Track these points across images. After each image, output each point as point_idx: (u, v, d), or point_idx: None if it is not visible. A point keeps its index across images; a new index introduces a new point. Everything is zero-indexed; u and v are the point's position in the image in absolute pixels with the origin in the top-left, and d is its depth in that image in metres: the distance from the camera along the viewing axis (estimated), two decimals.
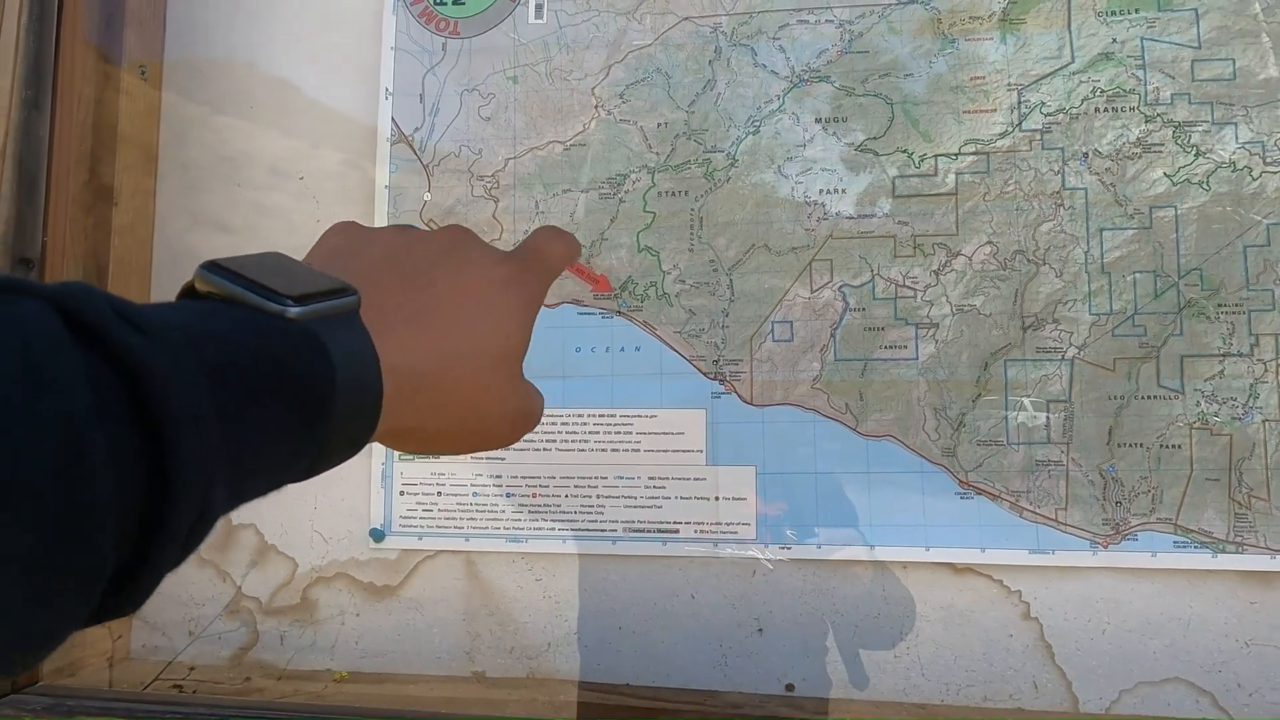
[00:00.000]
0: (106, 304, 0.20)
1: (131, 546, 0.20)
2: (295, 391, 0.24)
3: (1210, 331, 0.57)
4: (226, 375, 0.22)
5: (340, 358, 0.25)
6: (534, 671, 0.61)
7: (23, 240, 0.55)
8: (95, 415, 0.18)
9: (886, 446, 0.60)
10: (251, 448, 0.22)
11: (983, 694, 0.57)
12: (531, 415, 0.34)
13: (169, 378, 0.20)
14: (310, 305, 0.25)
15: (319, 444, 0.25)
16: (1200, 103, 0.59)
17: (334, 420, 0.25)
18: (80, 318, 0.19)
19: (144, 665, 0.65)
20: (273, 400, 0.23)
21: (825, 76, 0.62)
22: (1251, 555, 0.55)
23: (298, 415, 0.24)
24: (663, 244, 0.63)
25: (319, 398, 0.24)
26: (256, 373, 0.23)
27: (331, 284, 0.26)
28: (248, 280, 0.25)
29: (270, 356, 0.23)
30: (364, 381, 0.26)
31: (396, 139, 0.66)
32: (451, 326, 0.30)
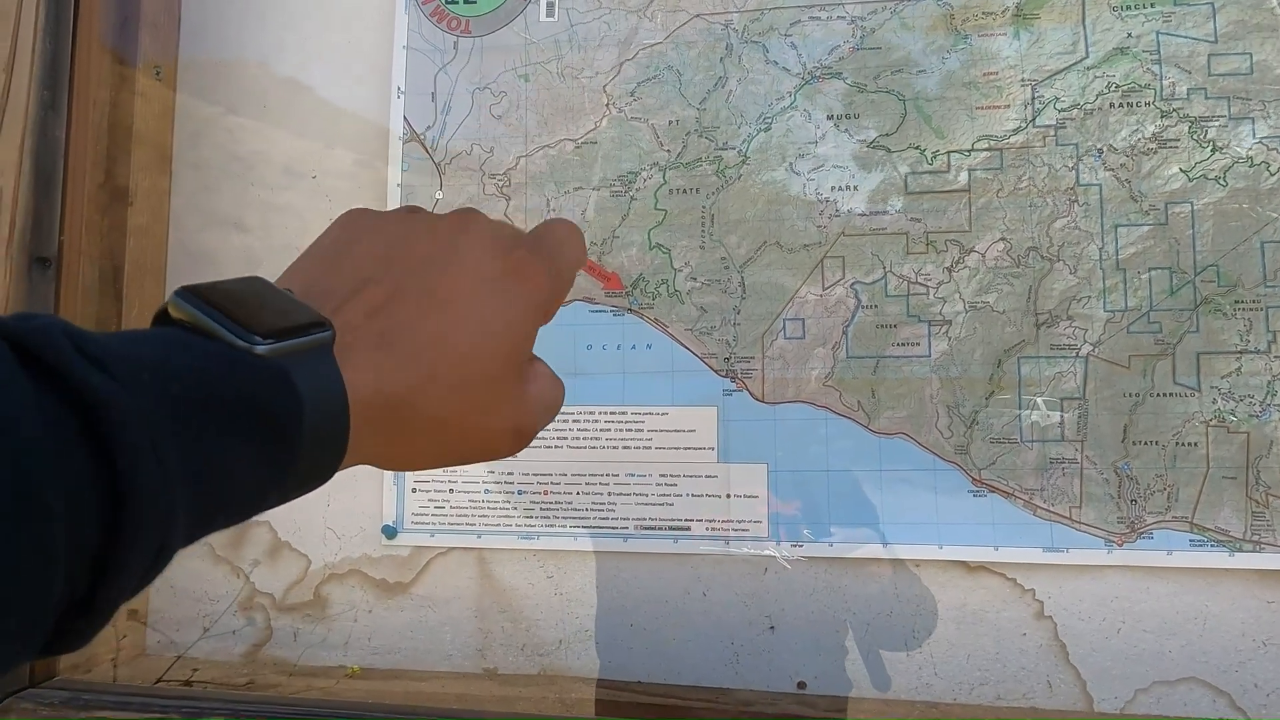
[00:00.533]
0: (65, 338, 0.20)
1: (86, 581, 0.20)
2: (260, 427, 0.23)
3: (1227, 328, 0.57)
4: (190, 411, 0.22)
5: (308, 393, 0.24)
6: (546, 669, 0.62)
7: (39, 240, 0.55)
8: (49, 453, 0.18)
9: (899, 444, 0.60)
10: (214, 483, 0.22)
11: (996, 693, 0.57)
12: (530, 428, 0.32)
13: (125, 412, 0.20)
14: (279, 343, 0.24)
15: (283, 478, 0.24)
16: (1217, 98, 0.58)
17: (299, 455, 0.24)
18: (36, 353, 0.19)
19: (157, 661, 0.65)
20: (237, 436, 0.23)
21: (837, 73, 0.62)
22: (1269, 554, 0.55)
23: (262, 450, 0.23)
24: (674, 241, 0.63)
25: (285, 433, 0.24)
26: (223, 404, 0.23)
27: (306, 318, 0.26)
28: (219, 312, 0.25)
29: (235, 392, 0.23)
30: (331, 416, 0.25)
31: (408, 137, 0.66)
32: (429, 346, 0.28)
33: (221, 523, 0.24)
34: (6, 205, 0.54)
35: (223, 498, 0.23)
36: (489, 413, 0.30)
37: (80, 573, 0.19)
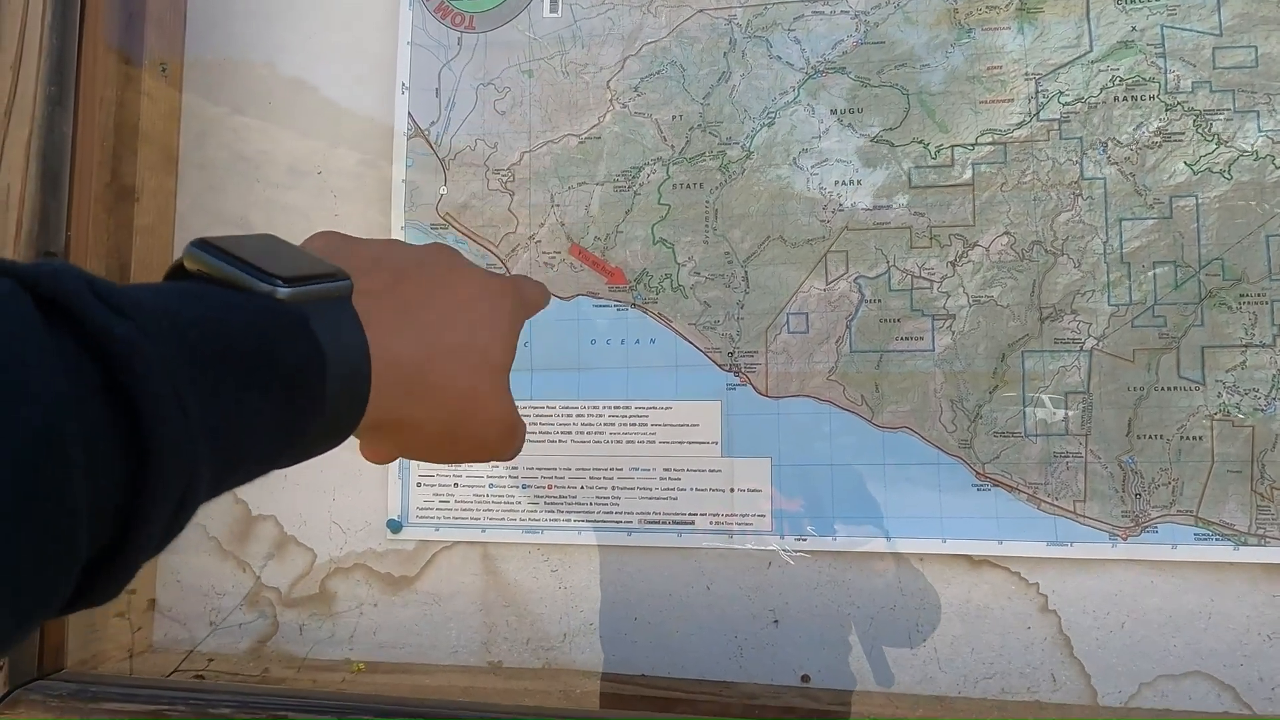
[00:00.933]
0: (84, 284, 0.19)
1: (109, 534, 0.19)
2: (282, 375, 0.23)
3: (1232, 322, 0.57)
4: (211, 358, 0.21)
5: (329, 341, 0.24)
6: (550, 662, 0.62)
7: (46, 235, 0.56)
8: (68, 401, 0.18)
9: (903, 438, 0.60)
10: (237, 432, 0.22)
11: (1000, 686, 0.57)
12: (516, 433, 0.33)
13: (149, 361, 0.19)
14: (301, 287, 0.24)
15: (305, 428, 0.24)
16: (1222, 91, 0.58)
17: (322, 404, 0.24)
18: (55, 299, 0.19)
19: (165, 656, 0.66)
20: (259, 383, 0.22)
21: (841, 68, 0.62)
22: (1274, 548, 0.55)
23: (284, 398, 0.23)
24: (678, 236, 0.63)
25: (306, 381, 0.24)
26: (242, 355, 0.22)
27: (324, 268, 0.26)
28: (238, 259, 0.24)
29: (257, 339, 0.23)
30: (352, 366, 0.25)
31: (413, 133, 0.66)
32: (441, 321, 0.29)
33: (243, 476, 0.24)
34: (14, 202, 0.54)
35: (244, 447, 0.22)
36: (489, 398, 0.31)
37: (103, 524, 0.19)
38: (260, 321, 0.23)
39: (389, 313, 0.28)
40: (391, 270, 0.30)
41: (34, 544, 0.17)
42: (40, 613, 0.19)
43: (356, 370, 0.26)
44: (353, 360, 0.25)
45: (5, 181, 0.54)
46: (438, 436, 0.30)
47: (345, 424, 0.26)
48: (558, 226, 0.65)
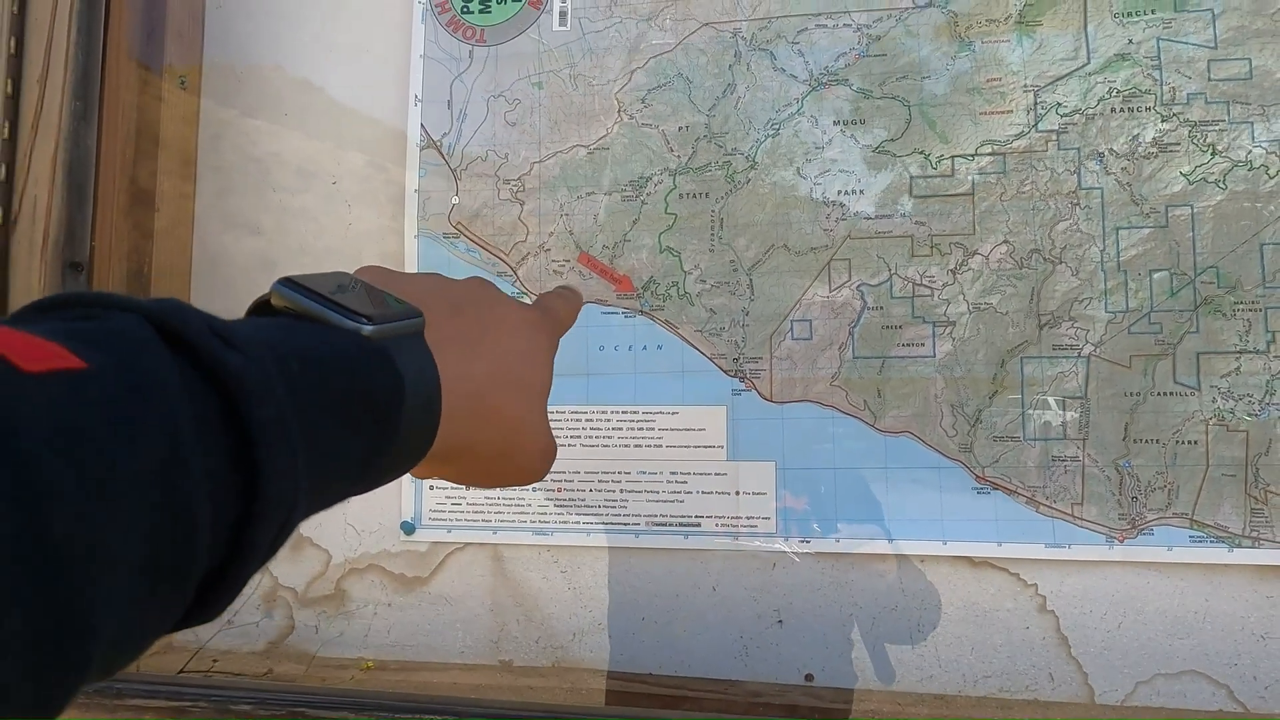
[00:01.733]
0: (201, 320, 0.21)
1: (221, 553, 0.20)
2: (369, 407, 0.25)
3: (1227, 329, 0.58)
4: (310, 390, 0.23)
5: (408, 374, 0.26)
6: (559, 661, 0.63)
7: (73, 246, 0.57)
8: (193, 424, 0.19)
9: (904, 442, 0.61)
10: (329, 459, 0.23)
11: (1000, 685, 0.58)
12: (553, 451, 0.36)
13: (260, 391, 0.21)
14: (383, 325, 0.26)
15: (385, 455, 0.26)
16: (1217, 102, 0.59)
17: (396, 434, 0.26)
18: (174, 332, 0.20)
19: (181, 654, 0.67)
20: (349, 414, 0.24)
21: (843, 79, 0.64)
22: (1268, 550, 0.56)
23: (370, 430, 0.25)
24: (684, 245, 0.65)
25: (389, 412, 0.25)
26: (335, 389, 0.24)
27: (400, 305, 0.28)
28: (324, 298, 0.26)
29: (349, 373, 0.24)
30: (427, 397, 0.27)
31: (425, 144, 0.68)
32: (497, 354, 0.31)
33: (327, 500, 0.25)
34: (41, 213, 0.56)
35: (331, 474, 0.24)
36: (535, 424, 0.33)
37: (218, 543, 0.20)
38: (351, 356, 0.25)
39: (453, 346, 0.30)
40: (446, 306, 0.32)
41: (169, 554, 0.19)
42: (162, 623, 0.20)
43: (430, 401, 0.27)
44: (428, 392, 0.27)
45: (33, 193, 0.56)
46: (490, 461, 0.32)
47: (415, 453, 0.28)
48: (566, 235, 0.66)
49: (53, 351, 0.18)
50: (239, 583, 0.21)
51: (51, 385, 0.17)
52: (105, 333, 0.19)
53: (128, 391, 0.18)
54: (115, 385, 0.18)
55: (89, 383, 0.18)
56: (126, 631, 0.18)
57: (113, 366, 0.18)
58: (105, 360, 0.18)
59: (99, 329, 0.19)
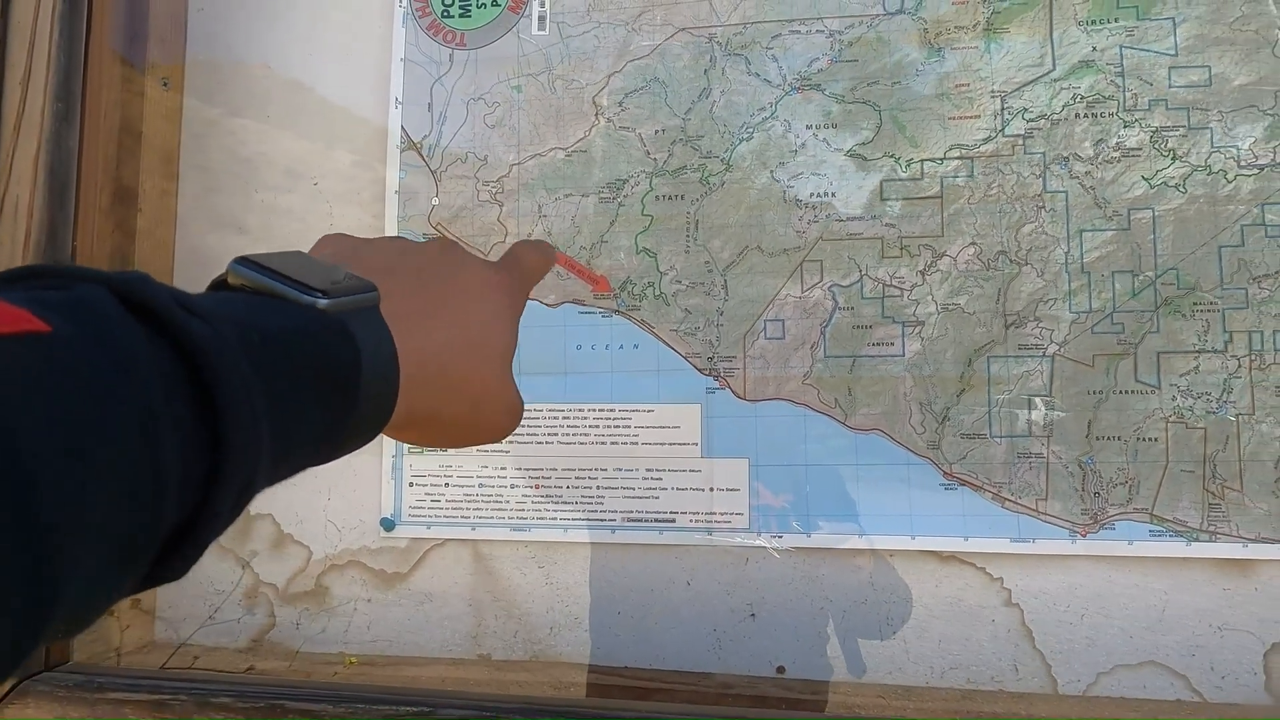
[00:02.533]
0: (164, 290, 0.22)
1: (185, 515, 0.21)
2: (328, 375, 0.26)
3: (1186, 329, 0.59)
4: (270, 358, 0.24)
5: (365, 345, 0.27)
6: (537, 655, 0.64)
7: (54, 246, 0.58)
8: (161, 388, 0.20)
9: (874, 440, 0.62)
10: (290, 425, 0.24)
11: (966, 676, 0.60)
12: (520, 409, 0.37)
13: (224, 358, 0.22)
14: (338, 299, 0.27)
15: (344, 425, 0.27)
16: (1177, 108, 0.61)
17: (359, 402, 0.27)
18: (139, 301, 0.21)
19: (164, 650, 0.68)
20: (308, 382, 0.25)
21: (816, 85, 0.65)
22: (1224, 544, 0.58)
23: (329, 396, 0.26)
24: (660, 246, 0.66)
25: (348, 381, 0.26)
26: (296, 357, 0.25)
27: (355, 280, 0.29)
28: (279, 275, 0.27)
29: (308, 342, 0.25)
30: (384, 367, 0.28)
31: (406, 146, 0.69)
32: (455, 322, 0.32)
33: (287, 470, 0.26)
34: (23, 213, 0.56)
35: (292, 442, 0.25)
36: (498, 387, 0.34)
37: (185, 504, 0.21)
38: (309, 328, 0.26)
39: (411, 318, 0.30)
40: (406, 276, 0.32)
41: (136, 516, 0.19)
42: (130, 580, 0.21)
43: (388, 373, 0.28)
44: (385, 364, 0.28)
45: (14, 193, 0.56)
46: (453, 426, 0.34)
47: (375, 423, 0.29)
48: (545, 236, 0.67)
49: (19, 315, 0.18)
50: (203, 544, 0.22)
51: (19, 346, 0.18)
52: (71, 301, 0.20)
53: (97, 355, 0.19)
54: (83, 348, 0.19)
55: (57, 345, 0.18)
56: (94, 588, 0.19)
57: (78, 331, 0.19)
58: (72, 326, 0.19)
59: (65, 298, 0.20)
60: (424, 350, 0.30)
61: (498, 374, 0.34)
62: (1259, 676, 0.57)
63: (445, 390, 0.32)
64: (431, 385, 0.31)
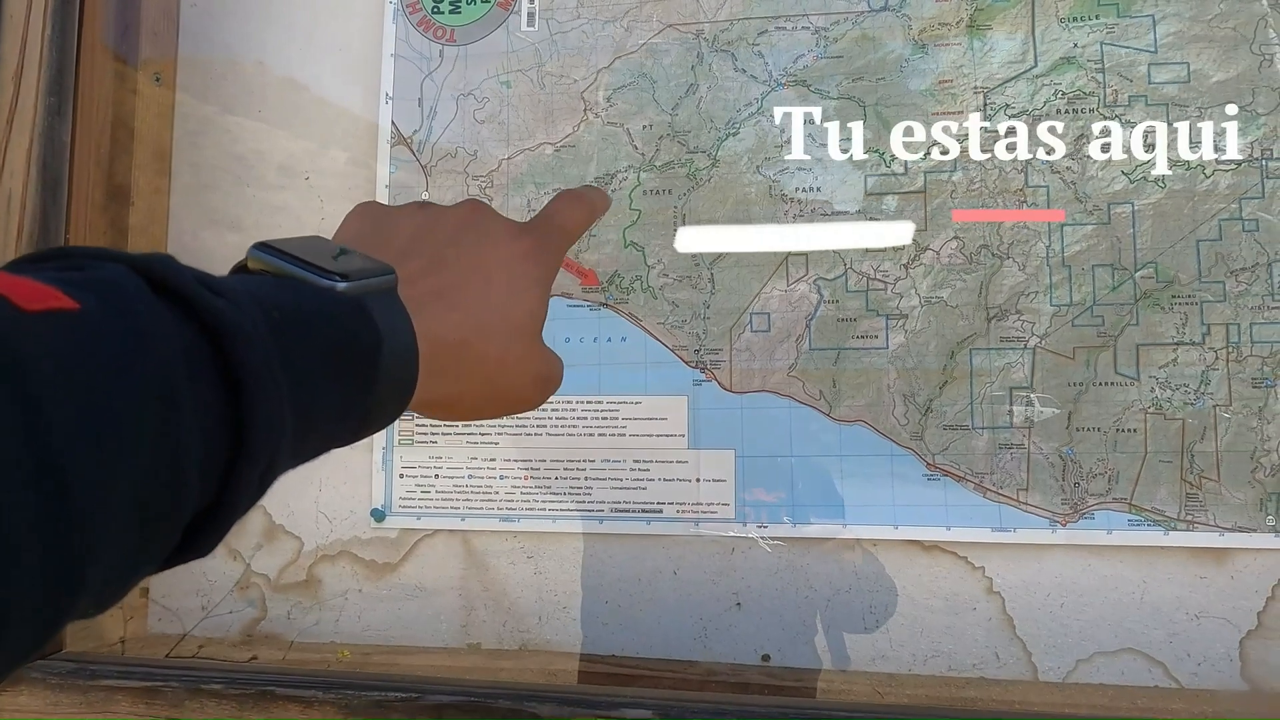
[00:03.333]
0: (187, 270, 0.22)
1: (211, 492, 0.21)
2: (349, 356, 0.26)
3: (1164, 321, 0.60)
4: (293, 338, 0.24)
5: (384, 327, 0.27)
6: (526, 643, 0.65)
7: (47, 241, 0.59)
8: (185, 372, 0.20)
9: (858, 431, 0.63)
10: (312, 405, 0.24)
11: (948, 664, 0.61)
12: (552, 378, 0.37)
13: (247, 336, 0.22)
14: (356, 282, 0.27)
15: (365, 406, 0.27)
16: (1157, 104, 0.62)
17: (379, 384, 0.27)
18: (162, 280, 0.21)
19: (162, 640, 0.69)
20: (330, 363, 0.25)
21: (802, 81, 0.66)
22: (1202, 533, 0.59)
23: (350, 378, 0.26)
24: (648, 240, 0.67)
25: (368, 362, 0.27)
26: (317, 337, 0.25)
27: (372, 264, 0.29)
28: (299, 259, 0.27)
29: (328, 324, 0.26)
30: (404, 349, 0.28)
31: (396, 141, 0.70)
32: (475, 301, 0.32)
33: (310, 451, 0.26)
34: (16, 207, 0.57)
35: (314, 423, 0.25)
36: (522, 360, 0.34)
37: (208, 483, 0.21)
38: (330, 310, 0.26)
39: (430, 299, 0.31)
40: (430, 254, 0.33)
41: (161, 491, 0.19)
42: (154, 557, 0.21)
43: (407, 356, 0.29)
44: (404, 347, 0.28)
45: (7, 187, 0.57)
46: (480, 401, 0.34)
47: (398, 402, 0.29)
48: None
49: (49, 293, 0.19)
50: (227, 522, 0.23)
51: (50, 324, 0.18)
52: (96, 280, 0.20)
53: (121, 332, 0.19)
54: (109, 326, 0.19)
55: (84, 322, 0.19)
56: (119, 564, 0.19)
57: (105, 309, 0.19)
58: (97, 303, 0.19)
59: (89, 277, 0.20)
60: (442, 333, 0.30)
61: (523, 346, 0.34)
62: (1235, 663, 0.57)
63: (467, 370, 0.32)
64: (453, 366, 0.31)
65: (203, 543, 0.22)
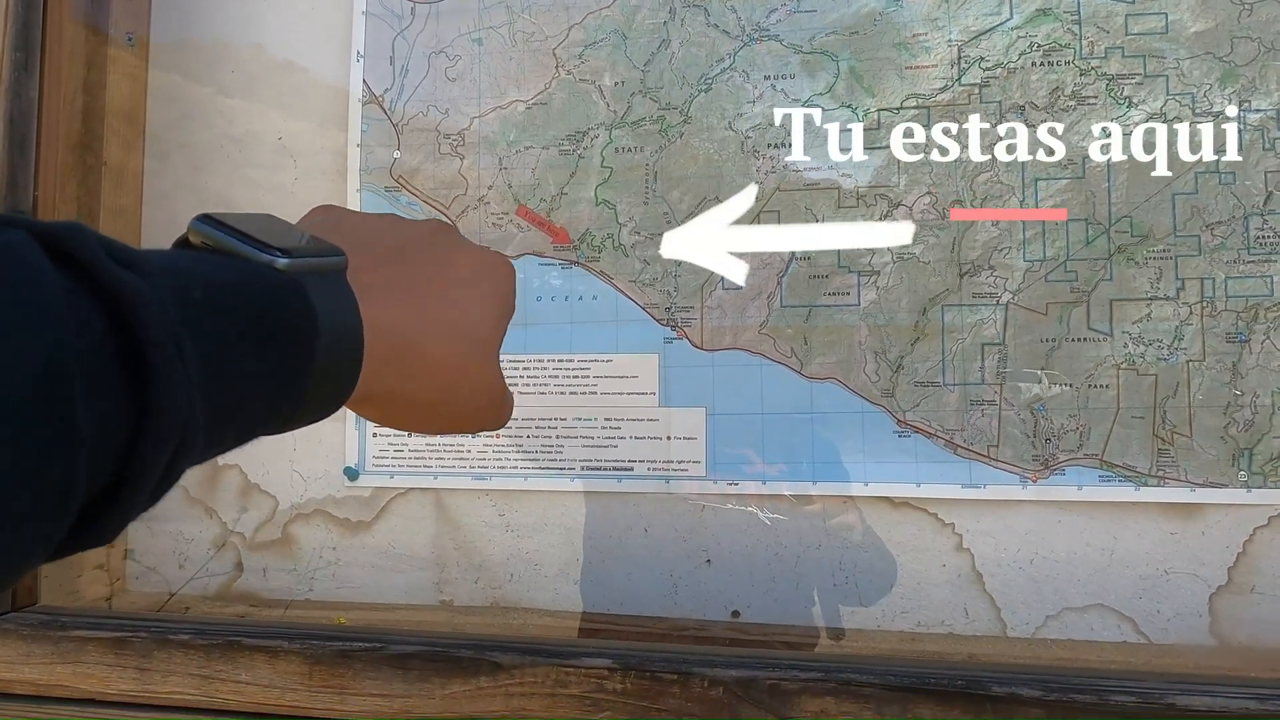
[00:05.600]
0: (95, 240, 0.21)
1: (106, 479, 0.20)
2: (277, 338, 0.24)
3: (1139, 276, 0.60)
4: (211, 316, 0.22)
5: (324, 310, 0.25)
6: (498, 600, 0.65)
7: (15, 195, 0.59)
8: (75, 345, 0.19)
9: (829, 388, 0.63)
10: (231, 390, 0.23)
11: (916, 620, 0.61)
12: (506, 404, 0.35)
13: (153, 313, 0.20)
14: (298, 259, 0.26)
15: (298, 394, 0.25)
16: (1133, 56, 0.61)
17: (314, 371, 0.25)
18: (66, 250, 0.20)
19: (141, 600, 0.69)
20: (255, 345, 0.23)
21: (774, 35, 0.65)
22: (1172, 488, 0.58)
23: (278, 362, 0.24)
24: (619, 198, 0.66)
25: (300, 346, 0.25)
26: (241, 316, 0.23)
27: (320, 244, 0.27)
28: (238, 232, 0.26)
29: (256, 301, 0.24)
30: (346, 336, 0.26)
31: (368, 100, 0.69)
32: (435, 301, 0.31)
33: (233, 437, 0.24)
34: None
35: (236, 407, 0.23)
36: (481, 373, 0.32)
37: (103, 465, 0.20)
38: (260, 283, 0.25)
39: (386, 288, 0.29)
40: (391, 247, 0.31)
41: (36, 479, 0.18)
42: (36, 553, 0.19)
43: (348, 343, 0.27)
44: (346, 330, 0.26)
45: None
46: (425, 408, 0.32)
47: (337, 393, 0.27)
48: (505, 189, 0.68)
49: None
50: (129, 508, 0.21)
51: None
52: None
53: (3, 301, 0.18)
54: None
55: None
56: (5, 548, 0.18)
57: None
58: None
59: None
60: (394, 324, 0.29)
61: (478, 359, 0.32)
62: (1204, 619, 0.57)
63: (415, 370, 0.30)
64: (400, 363, 0.29)
65: (102, 529, 0.21)
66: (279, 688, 0.52)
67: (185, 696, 0.53)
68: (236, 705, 0.53)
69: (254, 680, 0.53)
